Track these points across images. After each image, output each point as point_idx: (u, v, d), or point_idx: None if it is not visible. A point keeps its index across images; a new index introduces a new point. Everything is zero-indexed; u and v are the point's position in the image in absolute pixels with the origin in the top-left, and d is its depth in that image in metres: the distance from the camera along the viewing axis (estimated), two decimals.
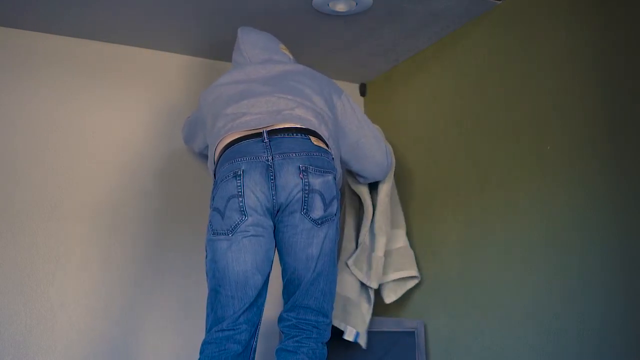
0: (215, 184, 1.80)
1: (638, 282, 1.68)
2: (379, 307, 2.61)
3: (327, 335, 1.80)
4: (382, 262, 2.29)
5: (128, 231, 2.39)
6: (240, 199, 1.70)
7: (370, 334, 2.33)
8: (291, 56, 2.13)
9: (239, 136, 1.80)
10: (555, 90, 1.97)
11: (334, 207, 1.77)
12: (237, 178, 1.72)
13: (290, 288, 1.78)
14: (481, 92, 2.26)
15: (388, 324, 2.37)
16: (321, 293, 1.76)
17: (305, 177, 1.72)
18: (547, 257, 1.94)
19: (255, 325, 1.75)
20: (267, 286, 1.78)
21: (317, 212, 1.73)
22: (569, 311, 1.85)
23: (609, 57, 1.81)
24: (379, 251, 2.27)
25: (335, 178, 1.80)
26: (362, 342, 2.26)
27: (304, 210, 1.72)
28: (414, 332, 2.35)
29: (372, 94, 2.91)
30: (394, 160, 2.30)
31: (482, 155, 2.22)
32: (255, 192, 1.71)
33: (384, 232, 2.29)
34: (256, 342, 1.77)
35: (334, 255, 1.80)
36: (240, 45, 2.08)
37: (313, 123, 1.82)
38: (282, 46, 2.13)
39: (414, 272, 2.38)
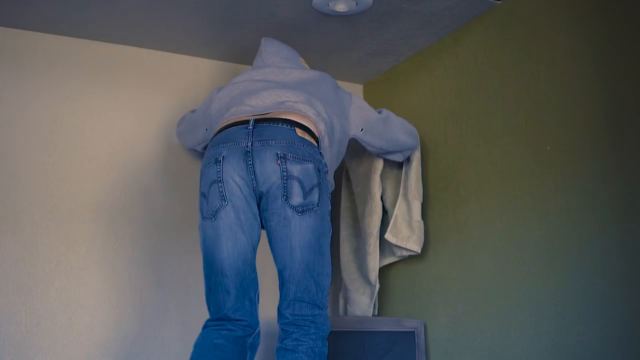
0: (201, 168, 1.89)
1: (638, 282, 1.68)
2: (379, 307, 2.61)
3: (326, 329, 1.79)
4: (422, 225, 2.38)
5: (129, 231, 2.39)
6: (220, 184, 1.79)
7: (370, 334, 2.33)
8: (309, 68, 2.21)
9: (229, 123, 1.88)
10: (555, 90, 1.97)
11: (315, 195, 1.79)
12: (217, 164, 1.80)
13: (281, 279, 1.81)
14: (481, 92, 2.26)
15: (388, 324, 2.37)
16: (313, 285, 1.77)
17: (283, 163, 1.77)
18: (546, 257, 1.94)
19: (250, 313, 1.81)
20: (254, 273, 1.84)
21: (297, 198, 1.76)
22: (568, 311, 1.85)
23: (609, 57, 1.81)
24: (417, 216, 2.38)
25: (318, 169, 1.82)
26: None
27: (284, 197, 1.76)
28: (414, 332, 2.35)
29: (372, 94, 2.91)
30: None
31: (482, 155, 2.22)
32: (234, 178, 1.78)
33: (419, 197, 2.40)
34: (255, 336, 1.82)
35: (322, 248, 1.80)
36: (262, 52, 2.17)
37: (311, 118, 1.88)
38: (302, 59, 2.22)
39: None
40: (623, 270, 1.72)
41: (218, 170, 1.79)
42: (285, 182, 1.76)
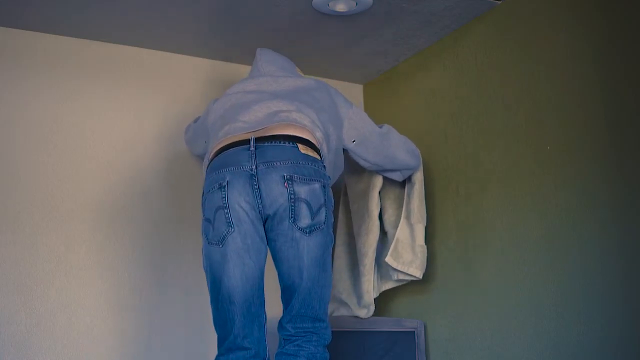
0: (203, 192, 1.83)
1: (638, 282, 1.69)
2: (379, 307, 2.61)
3: (327, 337, 1.80)
4: (425, 250, 2.30)
5: (129, 232, 2.39)
6: (226, 210, 1.73)
7: (370, 334, 2.33)
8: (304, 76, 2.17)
9: (228, 143, 1.82)
10: (555, 90, 1.97)
11: (322, 215, 1.77)
12: (222, 190, 1.74)
13: (286, 294, 1.79)
14: (481, 92, 2.26)
15: (388, 324, 2.37)
16: (316, 301, 1.77)
17: (290, 186, 1.73)
18: (546, 257, 1.94)
19: (258, 340, 1.77)
20: (262, 296, 1.80)
21: (305, 220, 1.74)
22: (568, 311, 1.85)
23: (609, 57, 1.81)
24: (420, 240, 2.29)
25: (324, 186, 1.80)
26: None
27: (292, 219, 1.73)
28: (414, 332, 2.35)
29: (372, 94, 2.91)
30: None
31: (482, 155, 2.22)
32: (240, 203, 1.73)
33: (423, 221, 2.32)
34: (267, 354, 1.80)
35: (325, 263, 1.80)
36: (258, 62, 2.13)
37: (307, 126, 1.84)
38: (297, 69, 2.19)
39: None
40: (623, 270, 1.73)
41: (223, 196, 1.73)
42: (292, 204, 1.73)
